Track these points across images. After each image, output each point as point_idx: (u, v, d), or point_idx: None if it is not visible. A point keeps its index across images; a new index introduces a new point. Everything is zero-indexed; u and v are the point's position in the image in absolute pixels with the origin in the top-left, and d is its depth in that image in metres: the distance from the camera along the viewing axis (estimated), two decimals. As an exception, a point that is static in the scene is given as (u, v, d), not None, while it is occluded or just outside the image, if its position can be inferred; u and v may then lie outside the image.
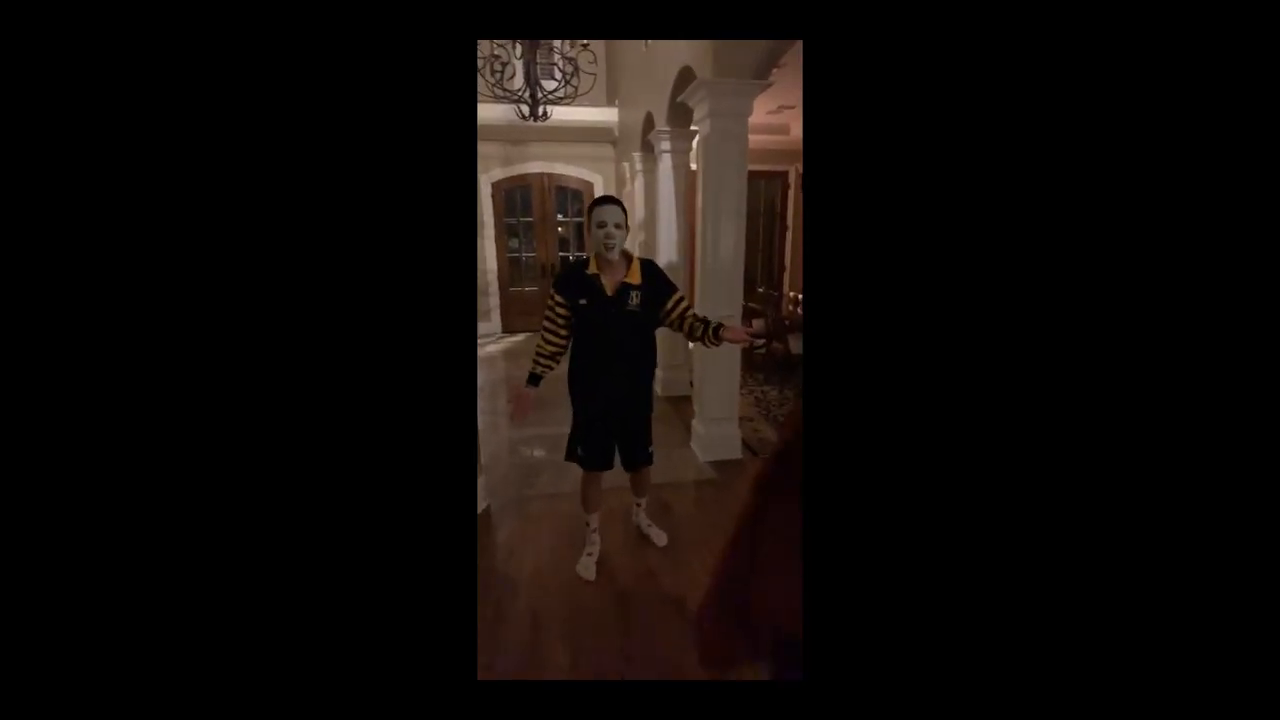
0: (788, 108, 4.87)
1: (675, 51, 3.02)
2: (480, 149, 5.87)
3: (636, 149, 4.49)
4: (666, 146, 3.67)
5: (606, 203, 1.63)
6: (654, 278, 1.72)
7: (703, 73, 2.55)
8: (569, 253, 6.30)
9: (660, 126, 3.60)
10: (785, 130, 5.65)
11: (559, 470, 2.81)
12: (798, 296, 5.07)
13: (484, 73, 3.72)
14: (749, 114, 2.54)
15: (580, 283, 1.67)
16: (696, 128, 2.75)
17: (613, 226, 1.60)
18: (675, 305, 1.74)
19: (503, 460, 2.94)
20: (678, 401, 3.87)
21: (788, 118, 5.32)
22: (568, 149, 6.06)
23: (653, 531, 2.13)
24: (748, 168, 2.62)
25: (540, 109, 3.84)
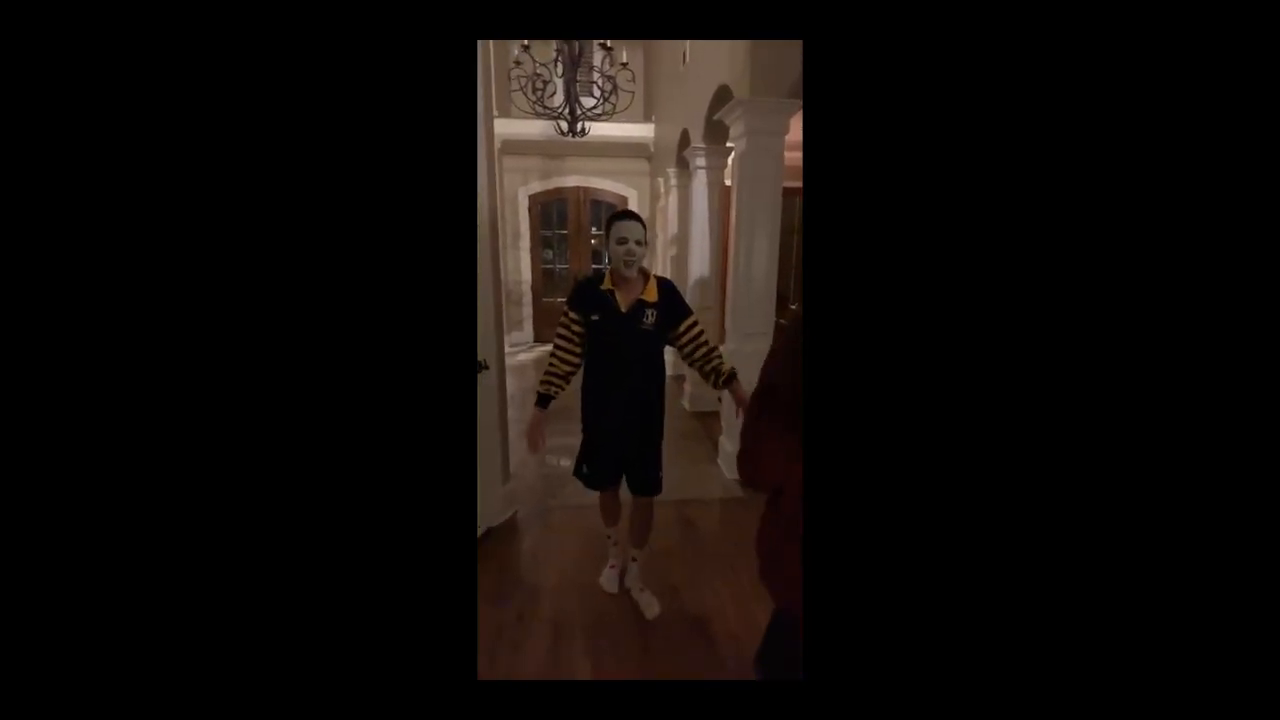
0: (825, 125, 4.85)
1: (712, 69, 3.06)
2: (518, 163, 6.03)
3: (671, 165, 4.54)
4: (701, 163, 3.71)
5: (627, 218, 1.57)
6: (670, 297, 1.65)
7: (740, 91, 2.57)
8: (603, 265, 6.37)
9: (696, 143, 3.64)
10: (822, 147, 5.62)
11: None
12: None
13: (525, 91, 3.83)
14: (785, 132, 2.55)
15: (594, 298, 1.62)
16: (732, 145, 2.77)
17: (634, 243, 1.54)
18: (688, 329, 1.66)
19: (530, 469, 2.97)
20: (705, 417, 3.85)
21: (825, 135, 5.30)
22: (604, 164, 6.17)
23: (643, 598, 1.83)
24: (783, 185, 2.63)
25: (579, 125, 3.93)
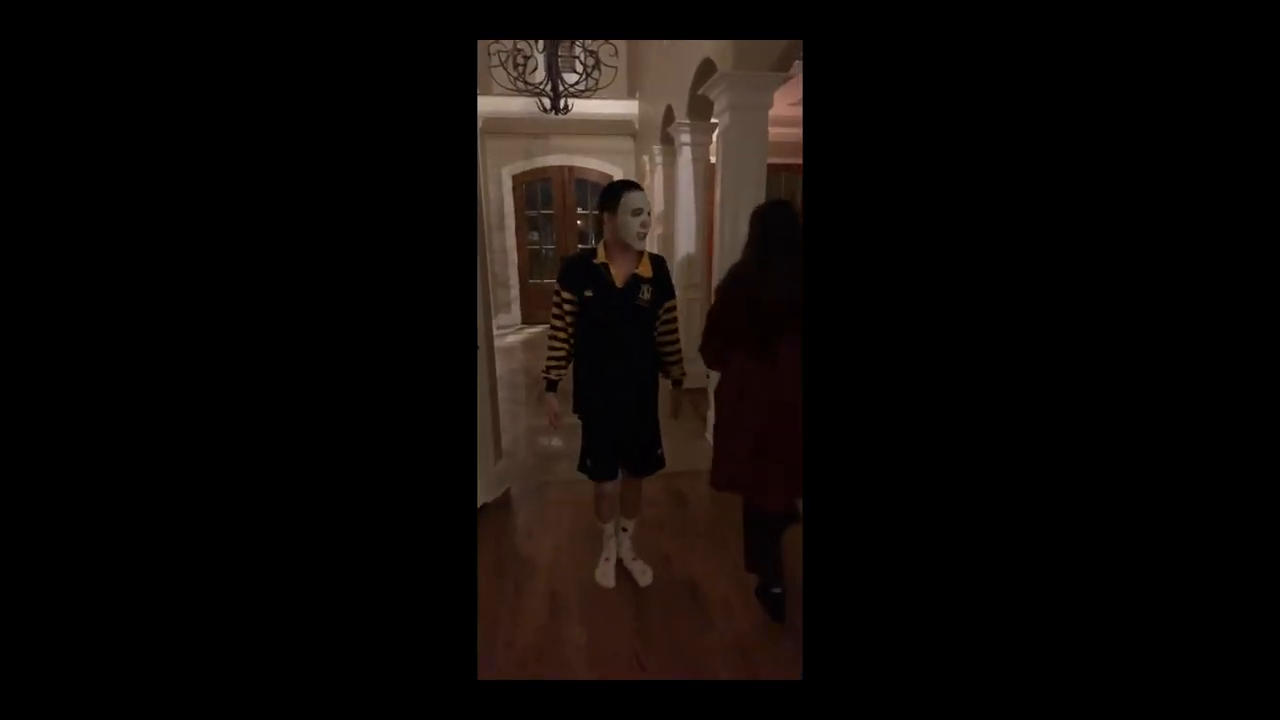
0: (809, 100, 4.83)
1: (696, 44, 3.03)
2: (501, 142, 5.93)
3: (656, 142, 4.50)
4: (686, 139, 3.68)
5: (634, 188, 1.47)
6: (662, 273, 1.59)
7: (723, 65, 2.55)
8: (589, 245, 6.33)
9: (680, 119, 3.61)
10: (807, 123, 5.60)
11: (577, 458, 2.88)
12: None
13: (506, 66, 3.77)
14: (769, 106, 2.54)
15: (587, 273, 1.52)
16: (716, 120, 2.76)
17: (647, 214, 1.46)
18: (667, 312, 1.64)
19: (522, 447, 3.00)
20: (693, 394, 3.88)
21: (809, 110, 5.27)
22: (588, 142, 6.09)
23: (636, 566, 1.85)
24: (768, 161, 2.63)
25: (561, 102, 3.88)
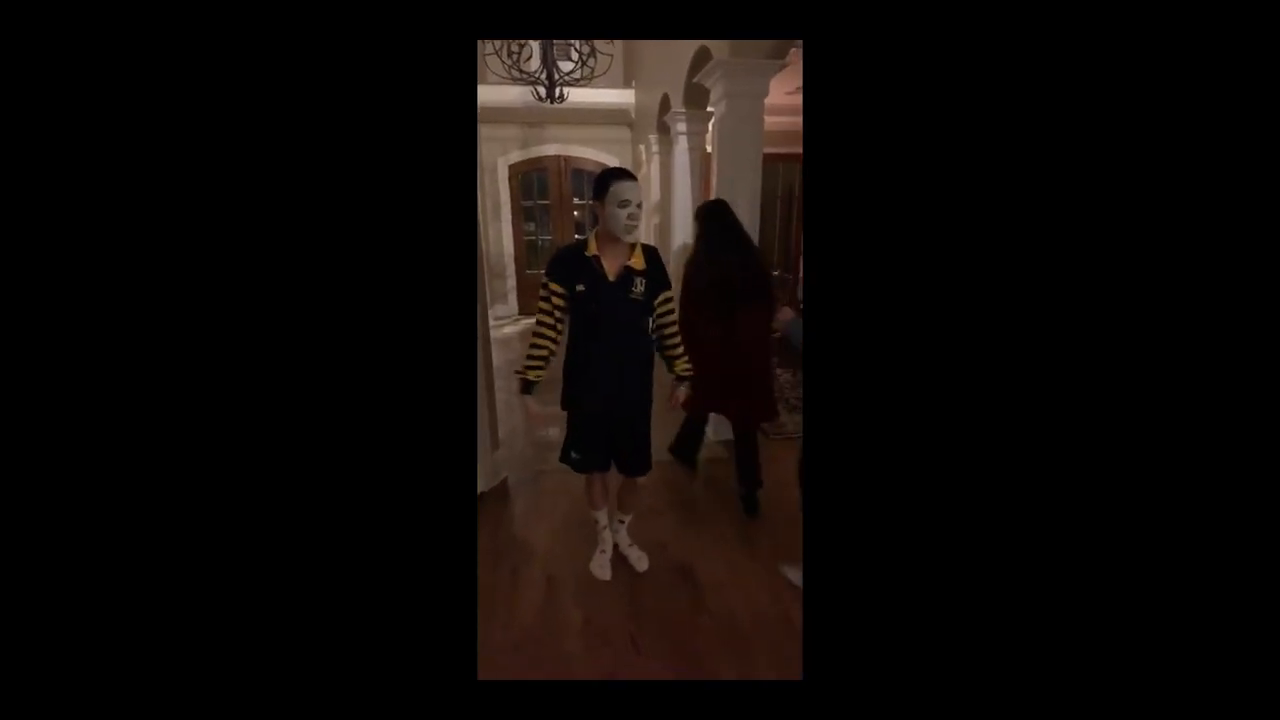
0: (806, 89, 4.81)
1: (692, 32, 3.01)
2: (496, 132, 5.89)
3: (653, 131, 4.49)
4: (682, 128, 3.67)
5: (625, 177, 1.42)
6: (656, 265, 1.52)
7: (719, 52, 2.54)
8: (585, 235, 6.33)
9: (676, 108, 3.60)
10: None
11: (574, 447, 2.89)
12: (813, 280, 5.04)
13: (501, 55, 3.74)
14: (765, 94, 2.54)
15: (578, 265, 1.46)
16: (713, 109, 2.75)
17: (635, 206, 1.40)
18: (663, 303, 1.56)
19: (519, 437, 3.01)
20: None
21: (806, 99, 5.25)
22: (584, 132, 6.06)
23: (632, 553, 1.87)
24: (764, 149, 2.63)
25: (557, 91, 3.86)
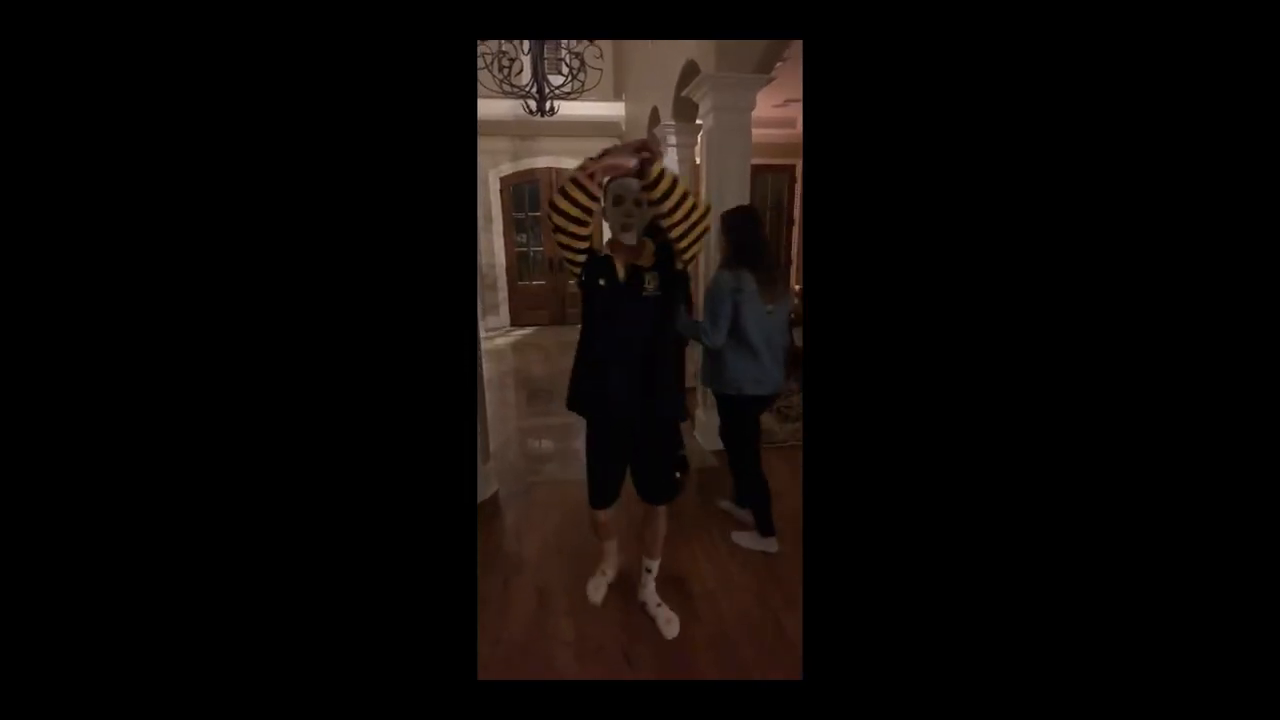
0: (794, 101, 4.88)
1: (680, 46, 3.06)
2: (488, 144, 5.92)
3: (643, 143, 4.52)
4: (672, 140, 3.71)
5: (625, 180, 1.39)
6: (666, 258, 1.46)
7: (706, 67, 2.58)
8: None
9: (665, 120, 3.64)
10: (792, 124, 5.65)
11: (565, 459, 2.89)
12: (802, 289, 5.09)
13: (491, 69, 3.77)
14: (752, 108, 2.58)
15: (599, 266, 1.46)
16: (701, 122, 2.79)
17: (631, 202, 1.38)
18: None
19: (511, 448, 3.01)
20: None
21: (794, 111, 5.32)
22: (575, 144, 6.10)
23: (660, 614, 1.67)
24: (752, 161, 2.66)
25: (547, 104, 3.89)
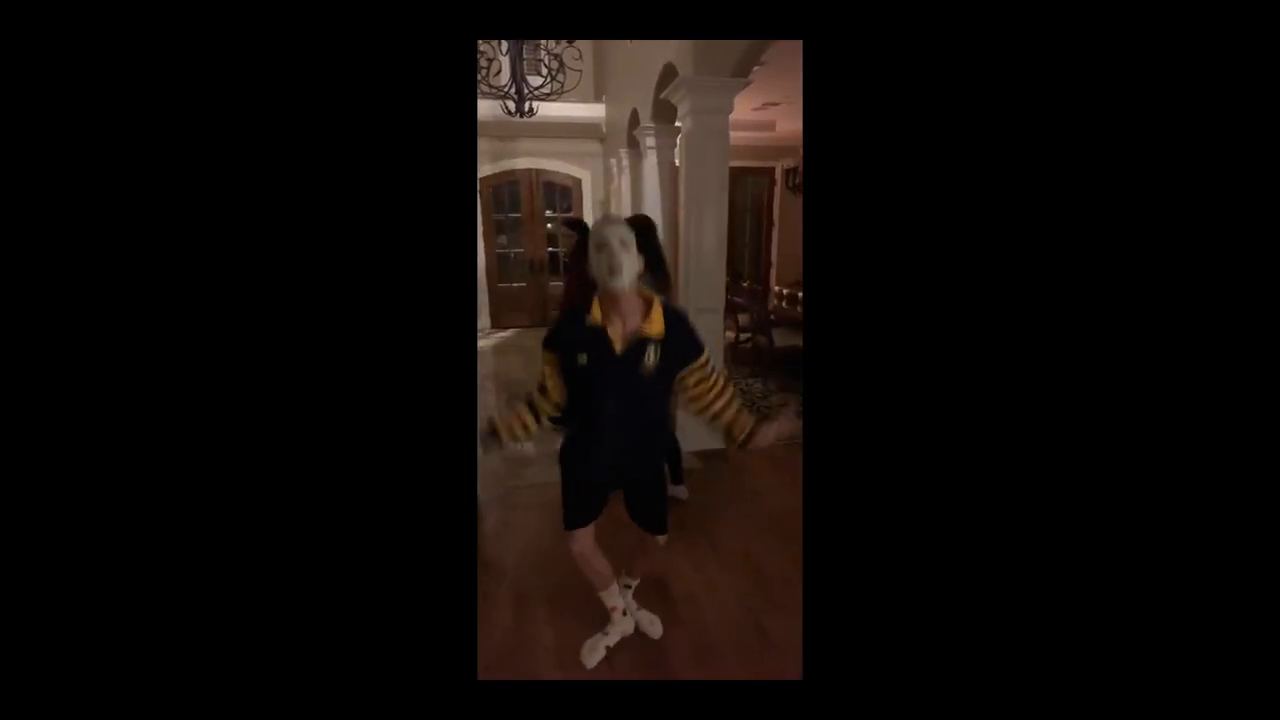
0: (772, 104, 4.92)
1: (658, 48, 3.06)
2: (467, 145, 5.86)
3: (623, 145, 4.53)
4: (651, 143, 3.72)
5: (605, 222, 1.21)
6: (679, 330, 1.24)
7: (684, 70, 2.59)
8: (557, 248, 6.31)
9: (645, 123, 3.65)
10: (771, 126, 5.70)
11: (547, 463, 2.87)
12: (783, 291, 5.14)
13: (470, 69, 3.73)
14: (730, 110, 2.59)
15: (580, 336, 1.22)
16: (680, 124, 2.80)
17: (616, 244, 1.14)
18: (697, 370, 1.28)
19: (492, 453, 2.97)
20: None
21: (773, 114, 5.37)
22: (555, 145, 6.08)
23: (643, 617, 1.67)
24: (732, 164, 2.68)
25: (527, 105, 3.87)
